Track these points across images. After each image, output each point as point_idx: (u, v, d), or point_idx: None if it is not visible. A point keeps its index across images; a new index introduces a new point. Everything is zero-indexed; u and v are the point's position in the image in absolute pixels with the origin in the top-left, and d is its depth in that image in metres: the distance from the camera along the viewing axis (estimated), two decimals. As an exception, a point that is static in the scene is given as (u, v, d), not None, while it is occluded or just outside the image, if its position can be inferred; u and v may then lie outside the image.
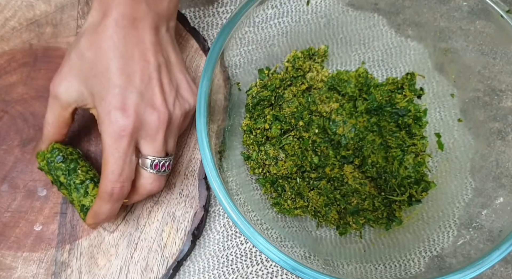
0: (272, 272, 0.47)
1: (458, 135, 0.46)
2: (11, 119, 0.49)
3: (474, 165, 0.44)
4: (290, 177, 0.46)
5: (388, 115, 0.47)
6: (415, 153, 0.46)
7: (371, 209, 0.45)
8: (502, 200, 0.41)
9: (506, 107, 0.42)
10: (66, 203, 0.47)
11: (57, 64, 0.50)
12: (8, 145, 0.49)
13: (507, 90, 0.42)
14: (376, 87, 0.48)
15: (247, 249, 0.48)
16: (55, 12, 0.51)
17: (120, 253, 0.45)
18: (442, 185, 0.45)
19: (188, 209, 0.47)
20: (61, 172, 0.43)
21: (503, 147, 0.42)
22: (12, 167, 0.48)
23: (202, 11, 0.53)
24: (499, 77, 0.42)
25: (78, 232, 0.46)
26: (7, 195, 0.47)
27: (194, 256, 0.47)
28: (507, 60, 0.40)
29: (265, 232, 0.41)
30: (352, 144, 0.45)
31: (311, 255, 0.42)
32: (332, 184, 0.46)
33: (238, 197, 0.42)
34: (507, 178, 0.41)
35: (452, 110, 0.47)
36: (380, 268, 0.41)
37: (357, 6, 0.47)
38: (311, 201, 0.46)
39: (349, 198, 0.45)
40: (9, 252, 0.46)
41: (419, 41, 0.47)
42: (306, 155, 0.46)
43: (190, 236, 0.45)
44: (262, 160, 0.46)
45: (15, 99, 0.50)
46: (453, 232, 0.42)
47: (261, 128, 0.46)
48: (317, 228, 0.46)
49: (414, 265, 0.41)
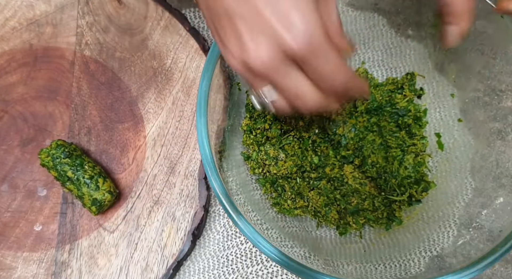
0: (272, 272, 0.47)
1: (458, 135, 0.46)
2: (11, 119, 0.49)
3: (474, 165, 0.44)
4: (290, 177, 0.46)
5: (388, 115, 0.47)
6: (415, 153, 0.46)
7: (371, 209, 0.45)
8: (502, 200, 0.41)
9: (506, 107, 0.42)
10: (66, 203, 0.47)
11: (57, 64, 0.50)
12: (8, 145, 0.49)
13: (507, 90, 0.42)
14: (376, 87, 0.48)
15: (247, 249, 0.48)
16: (55, 12, 0.51)
17: (120, 253, 0.45)
18: (442, 185, 0.45)
19: (188, 209, 0.46)
20: (68, 167, 0.44)
21: (503, 147, 0.42)
22: (12, 167, 0.48)
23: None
24: (499, 77, 0.42)
25: (78, 232, 0.46)
26: (7, 195, 0.47)
27: (194, 256, 0.47)
28: (507, 60, 0.40)
29: (265, 232, 0.41)
30: (352, 144, 0.45)
31: (311, 255, 0.42)
32: (332, 184, 0.46)
33: (238, 197, 0.42)
34: (507, 178, 0.41)
35: (452, 110, 0.47)
36: (380, 268, 0.41)
37: (357, 6, 0.47)
38: (311, 201, 0.46)
39: (349, 198, 0.45)
40: (9, 252, 0.46)
41: (419, 41, 0.47)
42: (306, 155, 0.46)
43: (190, 236, 0.45)
44: (262, 160, 0.46)
45: (15, 99, 0.50)
46: (453, 232, 0.42)
47: (261, 128, 0.46)
48: (317, 228, 0.46)
49: (414, 265, 0.41)
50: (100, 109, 0.50)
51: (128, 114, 0.50)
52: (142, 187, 0.47)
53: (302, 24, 0.27)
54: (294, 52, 0.28)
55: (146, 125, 0.49)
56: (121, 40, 0.51)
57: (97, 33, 0.51)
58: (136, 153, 0.48)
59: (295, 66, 0.29)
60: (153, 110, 0.49)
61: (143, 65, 0.50)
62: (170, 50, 0.50)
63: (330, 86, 0.30)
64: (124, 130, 0.49)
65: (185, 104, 0.49)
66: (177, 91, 0.50)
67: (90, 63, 0.50)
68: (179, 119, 0.49)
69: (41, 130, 0.49)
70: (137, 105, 0.50)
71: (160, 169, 0.48)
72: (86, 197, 0.44)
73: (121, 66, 0.50)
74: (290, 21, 0.27)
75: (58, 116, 0.49)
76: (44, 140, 0.49)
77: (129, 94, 0.50)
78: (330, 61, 0.29)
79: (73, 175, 0.44)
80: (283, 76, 0.29)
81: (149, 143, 0.49)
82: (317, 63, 0.28)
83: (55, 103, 0.50)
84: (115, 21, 0.51)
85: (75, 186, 0.44)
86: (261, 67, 0.29)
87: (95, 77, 0.50)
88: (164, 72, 0.50)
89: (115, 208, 0.47)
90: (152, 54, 0.50)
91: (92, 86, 0.50)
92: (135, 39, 0.51)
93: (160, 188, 0.47)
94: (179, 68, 0.50)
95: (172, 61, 0.50)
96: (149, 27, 0.51)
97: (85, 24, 0.51)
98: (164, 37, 0.50)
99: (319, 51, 0.28)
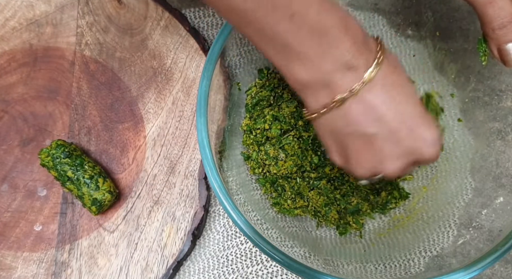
0: (272, 272, 0.47)
1: (458, 135, 0.46)
2: (11, 119, 0.49)
3: (474, 165, 0.44)
4: (290, 177, 0.46)
5: None
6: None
7: (369, 207, 0.45)
8: (502, 200, 0.41)
9: (506, 107, 0.42)
10: (66, 203, 0.47)
11: (57, 64, 0.50)
12: (8, 145, 0.49)
13: (507, 90, 0.42)
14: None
15: (247, 249, 0.48)
16: (55, 12, 0.51)
17: (120, 253, 0.45)
18: (442, 185, 0.45)
19: (188, 209, 0.46)
20: (68, 167, 0.44)
21: (503, 147, 0.42)
22: (12, 167, 0.48)
23: (202, 11, 0.53)
24: (499, 77, 0.42)
25: (78, 232, 0.46)
26: (7, 195, 0.47)
27: (194, 256, 0.47)
28: (507, 60, 0.40)
29: (265, 232, 0.41)
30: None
31: (311, 255, 0.42)
32: (332, 184, 0.46)
33: (238, 197, 0.42)
34: (507, 178, 0.41)
35: (452, 110, 0.47)
36: (380, 268, 0.41)
37: (357, 6, 0.47)
38: (311, 201, 0.46)
39: (349, 198, 0.46)
40: (9, 252, 0.46)
41: (419, 41, 0.47)
42: (306, 154, 0.46)
43: (190, 236, 0.45)
44: (262, 160, 0.46)
45: (15, 99, 0.50)
46: (453, 232, 0.42)
47: (261, 128, 0.46)
48: (317, 228, 0.46)
49: (414, 265, 0.41)
50: (100, 109, 0.50)
51: (128, 114, 0.50)
52: (142, 187, 0.47)
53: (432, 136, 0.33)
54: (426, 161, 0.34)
55: (146, 125, 0.49)
56: (121, 40, 0.51)
57: (97, 33, 0.51)
58: (136, 153, 0.48)
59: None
60: (153, 110, 0.49)
61: (143, 65, 0.50)
62: (170, 50, 0.50)
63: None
64: (124, 130, 0.49)
65: (185, 104, 0.49)
66: (177, 91, 0.50)
67: (90, 63, 0.50)
68: (179, 119, 0.49)
69: (41, 130, 0.49)
70: (137, 105, 0.50)
71: (160, 169, 0.48)
72: (86, 197, 0.44)
73: (121, 66, 0.50)
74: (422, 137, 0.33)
75: (58, 116, 0.49)
76: (44, 140, 0.49)
77: (129, 94, 0.50)
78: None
79: (73, 175, 0.44)
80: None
81: (149, 143, 0.49)
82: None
83: (55, 103, 0.50)
84: (115, 21, 0.51)
85: (75, 186, 0.44)
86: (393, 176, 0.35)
87: (95, 77, 0.50)
88: (164, 72, 0.50)
89: (115, 208, 0.47)
90: (152, 54, 0.50)
91: (92, 86, 0.50)
92: (135, 39, 0.51)
93: (160, 188, 0.47)
94: (179, 68, 0.50)
95: (172, 61, 0.50)
96: (149, 27, 0.51)
97: (85, 24, 0.51)
98: (164, 37, 0.50)
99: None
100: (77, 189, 0.44)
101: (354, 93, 0.31)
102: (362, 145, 0.33)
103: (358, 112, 0.31)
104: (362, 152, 0.33)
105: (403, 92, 0.32)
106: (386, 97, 0.31)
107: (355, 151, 0.33)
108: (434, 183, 0.46)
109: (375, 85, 0.31)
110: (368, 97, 0.31)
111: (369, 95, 0.31)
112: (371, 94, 0.31)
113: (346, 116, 0.32)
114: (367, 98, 0.31)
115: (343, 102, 0.31)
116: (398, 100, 0.31)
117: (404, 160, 0.33)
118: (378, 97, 0.31)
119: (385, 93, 0.31)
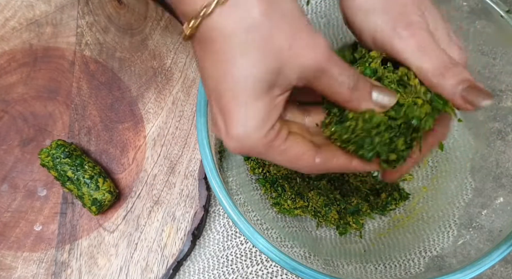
0: (272, 272, 0.47)
1: (458, 135, 0.46)
2: (11, 119, 0.49)
3: (474, 165, 0.44)
4: (290, 177, 0.46)
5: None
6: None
7: (370, 206, 0.45)
8: (502, 200, 0.41)
9: (506, 107, 0.42)
10: (66, 203, 0.47)
11: (57, 64, 0.50)
12: (8, 145, 0.49)
13: (507, 90, 0.42)
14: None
15: (247, 249, 0.48)
16: (55, 12, 0.51)
17: (120, 253, 0.45)
18: (442, 185, 0.45)
19: (188, 209, 0.46)
20: (68, 167, 0.44)
21: (503, 147, 0.42)
22: (12, 167, 0.48)
23: (202, 11, 0.53)
24: (499, 77, 0.42)
25: (78, 232, 0.46)
26: (7, 195, 0.47)
27: (194, 256, 0.47)
28: (507, 60, 0.40)
29: (265, 232, 0.41)
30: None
31: (311, 255, 0.42)
32: (332, 184, 0.46)
33: (238, 197, 0.42)
34: (507, 178, 0.41)
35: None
36: (380, 268, 0.41)
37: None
38: (311, 201, 0.46)
39: (349, 198, 0.46)
40: (9, 252, 0.46)
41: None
42: (306, 155, 0.46)
43: (190, 236, 0.45)
44: (262, 160, 0.46)
45: (15, 99, 0.50)
46: (453, 232, 0.42)
47: (261, 128, 0.46)
48: (317, 228, 0.46)
49: (414, 265, 0.41)
50: (100, 109, 0.50)
51: (128, 114, 0.50)
52: (142, 187, 0.47)
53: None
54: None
55: (146, 125, 0.49)
56: (121, 40, 0.51)
57: (97, 33, 0.51)
58: (136, 153, 0.48)
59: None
60: (153, 110, 0.49)
61: (143, 65, 0.50)
62: (170, 50, 0.50)
63: (298, 170, 0.28)
64: (124, 130, 0.49)
65: (185, 104, 0.49)
66: (177, 91, 0.50)
67: (90, 63, 0.50)
68: (179, 119, 0.49)
69: (41, 130, 0.49)
70: (137, 105, 0.50)
71: (160, 169, 0.48)
72: (86, 197, 0.44)
73: (121, 66, 0.50)
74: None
75: (58, 116, 0.49)
76: (44, 140, 0.49)
77: (129, 94, 0.50)
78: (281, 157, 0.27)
79: (73, 175, 0.44)
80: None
81: (149, 143, 0.49)
82: (269, 159, 0.27)
83: (55, 103, 0.50)
84: (115, 21, 0.51)
85: (75, 186, 0.44)
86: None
87: (95, 77, 0.50)
88: (164, 72, 0.50)
89: (115, 208, 0.47)
90: (152, 54, 0.50)
91: (92, 86, 0.50)
92: (135, 39, 0.51)
93: (160, 188, 0.47)
94: (179, 68, 0.50)
95: (172, 61, 0.50)
96: (149, 27, 0.51)
97: (85, 24, 0.51)
98: (164, 37, 0.50)
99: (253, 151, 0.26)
100: (77, 189, 0.44)
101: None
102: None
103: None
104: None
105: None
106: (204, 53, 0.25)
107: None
108: (434, 183, 0.46)
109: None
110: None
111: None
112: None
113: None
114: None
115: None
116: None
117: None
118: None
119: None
